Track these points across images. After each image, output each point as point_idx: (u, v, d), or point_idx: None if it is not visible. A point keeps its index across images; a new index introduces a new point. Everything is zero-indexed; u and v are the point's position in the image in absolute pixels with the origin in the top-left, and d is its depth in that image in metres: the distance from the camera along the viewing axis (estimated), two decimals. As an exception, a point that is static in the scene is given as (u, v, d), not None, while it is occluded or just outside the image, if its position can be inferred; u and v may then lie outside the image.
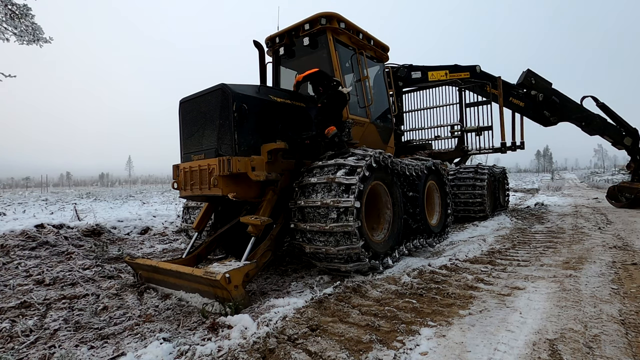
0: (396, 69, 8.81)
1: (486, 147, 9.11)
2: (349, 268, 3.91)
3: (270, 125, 4.42)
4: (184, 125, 4.49)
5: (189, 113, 4.42)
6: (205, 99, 4.21)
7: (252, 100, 4.19)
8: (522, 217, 9.05)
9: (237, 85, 4.16)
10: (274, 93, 4.66)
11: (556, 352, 2.18)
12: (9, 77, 9.14)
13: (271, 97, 4.54)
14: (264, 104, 4.39)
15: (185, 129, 4.46)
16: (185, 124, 4.47)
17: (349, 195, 3.77)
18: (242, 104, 4.01)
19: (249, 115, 4.08)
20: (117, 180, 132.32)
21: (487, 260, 4.56)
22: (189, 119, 4.43)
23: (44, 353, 2.53)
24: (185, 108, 4.47)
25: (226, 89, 4.02)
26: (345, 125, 5.11)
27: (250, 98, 4.19)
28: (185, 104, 4.47)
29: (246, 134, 4.08)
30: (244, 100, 4.06)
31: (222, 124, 4.01)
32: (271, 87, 4.52)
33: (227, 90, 4.01)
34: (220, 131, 4.01)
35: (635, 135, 9.62)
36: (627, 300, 2.98)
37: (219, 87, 4.08)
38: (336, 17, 5.35)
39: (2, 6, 8.73)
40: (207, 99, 4.19)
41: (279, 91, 4.85)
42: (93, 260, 5.02)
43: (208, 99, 4.17)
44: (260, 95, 4.39)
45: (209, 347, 2.38)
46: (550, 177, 43.71)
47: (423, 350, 2.27)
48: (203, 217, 4.72)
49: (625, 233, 6.09)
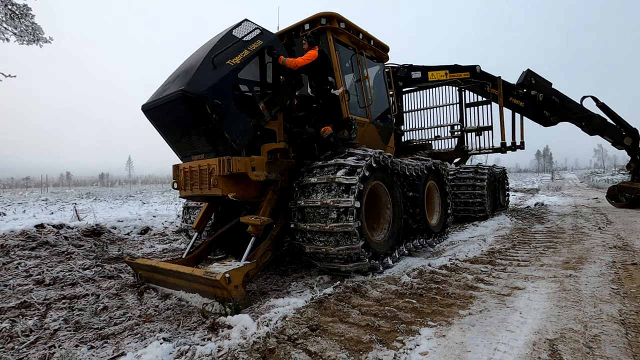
0: (396, 69, 8.81)
1: (486, 147, 9.12)
2: (349, 268, 3.91)
3: (253, 101, 3.99)
4: (163, 133, 4.19)
5: (161, 120, 4.06)
6: (172, 106, 3.73)
7: (222, 85, 3.68)
8: (522, 217, 9.05)
9: (197, 77, 3.57)
10: (235, 65, 3.88)
11: (556, 352, 2.18)
12: (9, 77, 9.14)
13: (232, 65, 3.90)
14: (235, 84, 3.87)
15: (168, 135, 4.19)
16: (163, 131, 4.17)
17: (349, 195, 3.77)
18: (214, 100, 3.55)
19: (228, 104, 3.68)
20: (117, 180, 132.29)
21: (487, 260, 4.55)
22: (165, 126, 4.11)
23: (44, 353, 2.53)
24: (153, 115, 4.06)
25: (188, 94, 3.48)
26: (352, 124, 5.11)
27: (221, 84, 3.66)
28: (150, 111, 4.01)
29: (237, 125, 3.78)
30: (214, 94, 3.57)
31: (207, 129, 3.70)
32: (232, 62, 3.80)
33: (189, 95, 3.48)
34: (208, 136, 3.78)
35: (635, 135, 9.62)
36: (627, 300, 2.98)
37: (179, 95, 3.53)
38: (336, 17, 5.35)
39: (2, 6, 8.73)
40: (173, 106, 3.72)
41: (239, 64, 3.94)
42: (93, 260, 5.02)
43: (175, 106, 3.70)
44: (226, 73, 3.75)
45: (209, 347, 2.38)
46: (550, 177, 43.71)
47: (423, 350, 2.27)
48: (203, 217, 4.72)
49: (625, 233, 6.09)
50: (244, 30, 4.22)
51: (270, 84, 4.33)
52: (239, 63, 3.90)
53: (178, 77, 3.90)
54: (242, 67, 3.94)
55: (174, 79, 3.98)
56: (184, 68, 4.04)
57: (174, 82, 3.83)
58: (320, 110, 4.79)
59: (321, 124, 4.64)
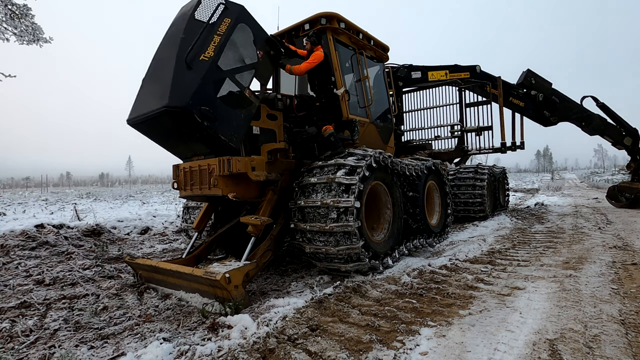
0: (396, 69, 8.81)
1: (486, 147, 9.12)
2: (349, 268, 3.91)
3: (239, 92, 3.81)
4: (157, 142, 4.06)
5: (151, 133, 3.94)
6: (159, 121, 3.57)
7: (204, 88, 3.48)
8: (522, 217, 9.05)
9: (176, 87, 3.37)
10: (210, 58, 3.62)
11: (556, 352, 2.18)
12: (9, 77, 9.14)
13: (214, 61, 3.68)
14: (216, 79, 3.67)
15: (162, 144, 4.09)
16: (157, 141, 4.04)
17: (349, 195, 3.77)
18: (201, 107, 3.37)
19: (216, 105, 3.53)
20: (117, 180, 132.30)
21: (487, 260, 4.56)
22: (157, 138, 4.00)
23: (44, 353, 2.53)
24: (141, 129, 3.90)
25: (172, 109, 3.31)
26: (354, 125, 5.12)
27: (203, 87, 3.46)
28: (137, 125, 3.84)
29: (230, 123, 3.67)
30: (199, 101, 3.39)
31: (201, 136, 3.59)
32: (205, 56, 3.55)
33: (174, 110, 3.32)
34: (204, 141, 3.71)
35: (635, 135, 9.63)
36: (627, 300, 2.98)
37: (163, 112, 3.36)
38: (336, 17, 5.35)
39: (2, 6, 8.73)
40: (160, 121, 3.56)
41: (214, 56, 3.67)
42: (93, 260, 5.02)
43: (161, 121, 3.54)
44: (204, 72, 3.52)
45: (209, 347, 2.38)
46: (550, 177, 43.71)
47: (423, 350, 2.27)
48: (203, 217, 4.72)
49: (625, 233, 6.09)
50: (207, 10, 3.80)
51: (251, 64, 4.00)
52: (214, 55, 3.62)
53: (155, 86, 3.70)
54: (218, 58, 3.65)
55: (151, 89, 3.77)
56: (157, 73, 3.80)
57: (153, 95, 3.63)
58: (322, 109, 4.78)
59: (322, 123, 4.64)
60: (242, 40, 3.97)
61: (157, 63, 3.91)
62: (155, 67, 3.92)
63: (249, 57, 4.03)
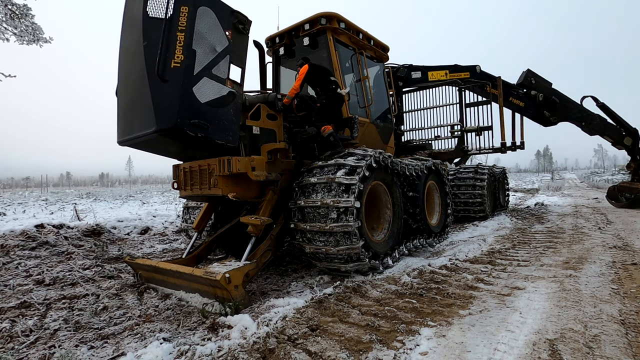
0: (396, 69, 8.81)
1: (486, 147, 9.11)
2: (349, 268, 3.91)
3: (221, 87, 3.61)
4: (155, 154, 4.00)
5: (148, 149, 3.88)
6: (151, 140, 3.48)
7: (187, 98, 3.31)
8: (522, 217, 9.05)
9: (159, 107, 3.26)
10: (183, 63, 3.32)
11: (556, 352, 2.18)
12: (9, 77, 9.14)
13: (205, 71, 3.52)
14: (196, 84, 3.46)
15: (161, 155, 4.04)
16: (154, 153, 3.98)
17: (349, 195, 3.77)
18: (191, 121, 3.27)
19: (204, 113, 3.40)
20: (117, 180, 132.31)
21: (487, 260, 4.56)
22: (153, 152, 3.94)
23: (44, 353, 2.53)
24: (136, 148, 3.84)
25: (163, 131, 3.24)
26: (354, 123, 5.13)
27: (185, 99, 3.29)
28: (132, 146, 3.76)
29: (222, 124, 3.58)
30: (187, 115, 3.26)
31: (197, 145, 3.61)
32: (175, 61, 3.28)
33: (169, 131, 3.24)
34: (202, 148, 3.71)
35: (635, 135, 9.63)
36: (627, 300, 2.98)
37: (154, 137, 3.34)
38: (336, 17, 5.35)
39: (2, 6, 8.73)
40: (153, 140, 3.49)
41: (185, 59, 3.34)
42: (93, 260, 5.02)
43: (154, 140, 3.47)
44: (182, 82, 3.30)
45: (209, 347, 2.38)
46: (550, 177, 43.68)
47: (423, 350, 2.27)
48: (203, 217, 4.72)
49: (625, 233, 6.09)
50: (160, 3, 3.37)
51: (223, 51, 3.64)
52: (184, 58, 3.29)
53: (136, 106, 3.55)
54: (190, 60, 3.34)
55: (134, 109, 3.60)
56: (133, 89, 3.59)
57: (139, 118, 3.49)
58: (321, 109, 4.79)
59: (322, 123, 4.64)
60: (206, 27, 3.50)
61: (129, 75, 3.67)
62: (127, 80, 3.71)
63: (219, 42, 3.62)
